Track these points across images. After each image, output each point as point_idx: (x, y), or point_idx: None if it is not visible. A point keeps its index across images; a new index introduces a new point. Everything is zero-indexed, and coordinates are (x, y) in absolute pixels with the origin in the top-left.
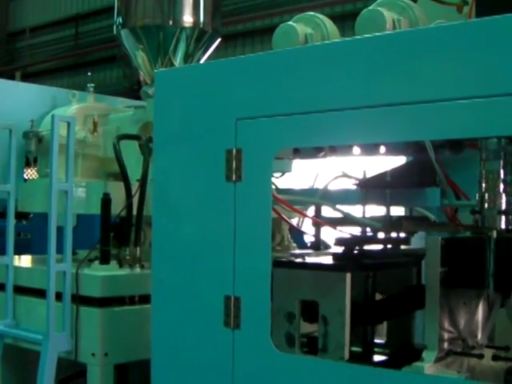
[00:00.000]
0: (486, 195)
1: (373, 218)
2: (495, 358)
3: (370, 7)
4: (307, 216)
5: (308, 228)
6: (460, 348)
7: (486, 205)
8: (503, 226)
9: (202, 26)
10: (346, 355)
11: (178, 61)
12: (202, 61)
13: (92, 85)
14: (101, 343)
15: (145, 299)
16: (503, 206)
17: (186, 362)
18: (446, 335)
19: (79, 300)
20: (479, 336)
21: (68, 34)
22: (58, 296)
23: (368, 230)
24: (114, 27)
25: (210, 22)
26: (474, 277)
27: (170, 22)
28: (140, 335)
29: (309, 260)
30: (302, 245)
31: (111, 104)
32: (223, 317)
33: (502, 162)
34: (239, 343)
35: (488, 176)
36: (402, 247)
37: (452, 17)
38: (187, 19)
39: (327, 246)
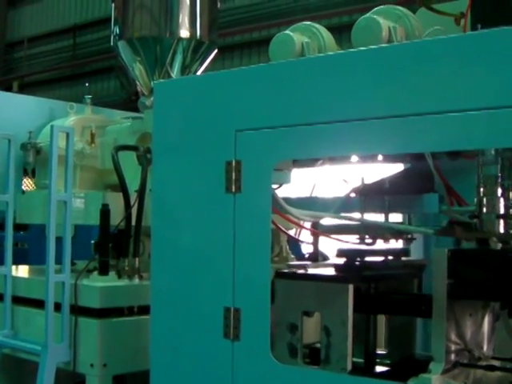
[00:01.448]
0: (484, 200)
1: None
2: (499, 369)
3: (366, 15)
4: (305, 227)
5: (307, 238)
6: (466, 359)
7: (485, 209)
8: (502, 230)
9: (198, 37)
10: (349, 366)
11: (175, 72)
12: (198, 72)
13: (89, 96)
14: (99, 354)
15: (144, 310)
16: (501, 211)
17: (185, 374)
18: (452, 347)
19: (78, 311)
20: (485, 347)
21: (66, 45)
22: (57, 307)
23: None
24: (111, 38)
25: (206, 34)
26: (479, 288)
27: (167, 34)
28: (139, 346)
29: (311, 271)
30: (299, 256)
31: (108, 115)
32: (223, 328)
33: (499, 167)
34: (239, 355)
35: (486, 181)
36: (403, 259)
37: (450, 28)
38: (184, 31)
39: (325, 257)
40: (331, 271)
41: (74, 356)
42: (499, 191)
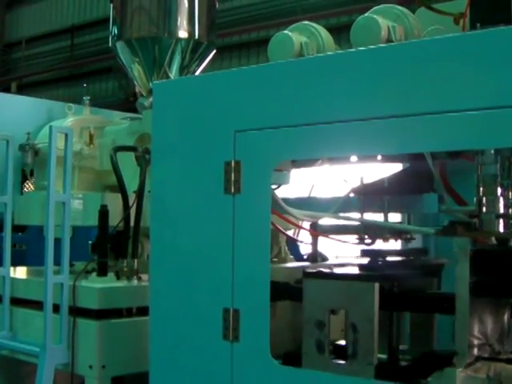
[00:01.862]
0: (484, 199)
1: None
2: None
3: (365, 14)
4: (304, 228)
5: (306, 238)
6: (487, 354)
7: (484, 209)
8: (501, 229)
9: (197, 37)
10: (375, 361)
11: (173, 72)
12: (197, 73)
13: (88, 97)
14: (98, 355)
15: (142, 311)
16: (501, 210)
17: (184, 375)
18: (474, 341)
19: (76, 312)
20: (505, 342)
21: (64, 46)
22: (55, 308)
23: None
24: (110, 39)
25: (205, 34)
26: (500, 286)
27: (166, 34)
28: (138, 347)
29: (337, 271)
30: (298, 256)
31: (107, 116)
32: (222, 329)
33: (498, 166)
34: (238, 356)
35: (485, 180)
36: (422, 258)
37: (449, 28)
38: (182, 31)
39: (324, 258)
40: (355, 270)
41: (72, 357)
42: (499, 191)
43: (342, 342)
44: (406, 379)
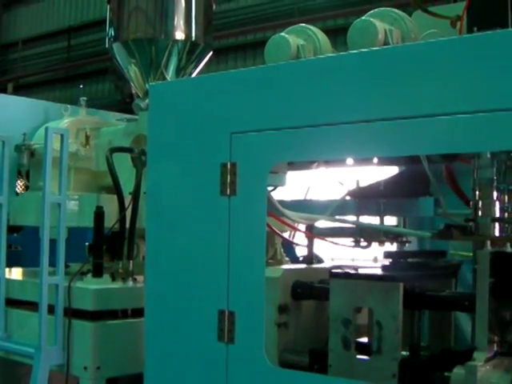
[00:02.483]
0: (480, 203)
1: None
2: None
3: (363, 17)
4: (299, 230)
5: (301, 241)
6: (505, 350)
7: (480, 212)
8: (497, 233)
9: (194, 39)
10: (399, 356)
11: (169, 74)
12: (193, 74)
13: (84, 98)
14: (93, 357)
15: (137, 313)
16: (497, 214)
17: (179, 377)
18: (493, 338)
19: (71, 313)
20: None
21: (60, 47)
22: (51, 309)
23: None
24: (106, 40)
25: (202, 36)
26: None
27: (162, 36)
28: (133, 349)
29: (363, 271)
30: (294, 258)
31: (103, 117)
32: (217, 331)
33: (495, 170)
34: (233, 358)
35: (482, 184)
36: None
37: (445, 31)
38: (179, 33)
39: (320, 260)
40: (378, 271)
41: (67, 359)
42: (495, 194)
43: (362, 340)
44: (428, 373)
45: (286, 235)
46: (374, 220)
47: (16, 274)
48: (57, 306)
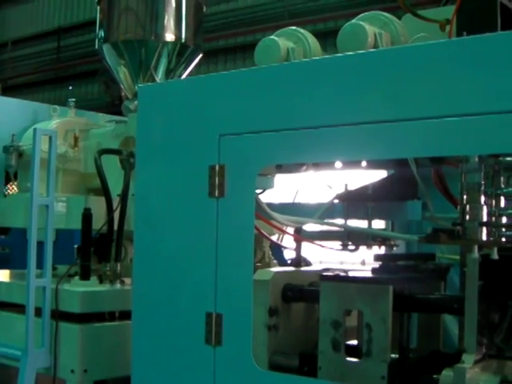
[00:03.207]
0: (468, 207)
1: None
2: None
3: (352, 21)
4: (288, 233)
5: (290, 244)
6: (494, 352)
7: (468, 217)
8: (484, 237)
9: (183, 41)
10: (388, 358)
11: (159, 76)
12: (183, 76)
13: (73, 99)
14: (80, 359)
15: (125, 315)
16: (485, 218)
17: (166, 379)
18: (481, 340)
19: (59, 316)
20: (508, 341)
21: (50, 48)
22: (38, 311)
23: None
24: (96, 41)
25: (191, 37)
26: (506, 289)
27: (152, 37)
28: (120, 352)
29: (353, 274)
30: (282, 261)
31: (92, 119)
32: (204, 334)
33: (482, 174)
34: (220, 360)
35: (469, 188)
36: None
37: (435, 34)
38: (169, 34)
39: (308, 263)
40: (369, 274)
41: (54, 361)
42: (482, 199)
43: (352, 342)
44: (417, 375)
45: (274, 238)
46: (362, 223)
47: (3, 276)
48: (44, 308)
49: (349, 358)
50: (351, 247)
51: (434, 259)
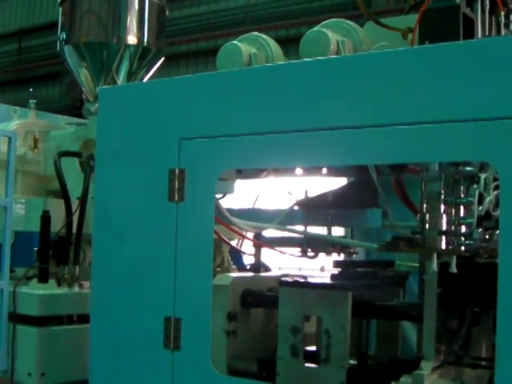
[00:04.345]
0: (427, 216)
1: None
2: (480, 367)
3: (315, 28)
4: (247, 238)
5: (249, 249)
6: (452, 359)
7: (427, 225)
8: (443, 246)
9: (146, 44)
10: (347, 364)
11: (121, 79)
12: (145, 80)
13: (33, 101)
14: (37, 363)
15: (83, 319)
16: (444, 227)
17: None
18: (440, 347)
19: (16, 318)
20: (466, 348)
21: (11, 49)
22: None
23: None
24: (58, 43)
25: (154, 41)
26: (464, 296)
27: (114, 40)
28: (78, 355)
29: (312, 280)
30: (241, 266)
31: (52, 121)
32: (163, 338)
33: (442, 184)
34: (179, 365)
35: (429, 197)
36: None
37: (397, 42)
38: (131, 37)
39: (267, 269)
40: (327, 280)
41: (11, 364)
42: (442, 208)
43: (310, 348)
44: (376, 382)
45: (233, 243)
46: (321, 230)
47: None
48: (1, 311)
49: (307, 364)
50: (310, 254)
51: (393, 266)
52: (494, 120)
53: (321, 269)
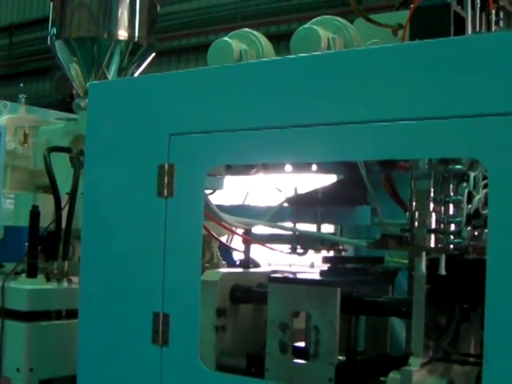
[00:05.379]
0: (417, 214)
1: None
2: (468, 363)
3: (306, 25)
4: (237, 234)
5: (238, 245)
6: (440, 355)
7: (416, 223)
8: (432, 244)
9: (136, 39)
10: (336, 360)
11: (111, 74)
12: (135, 75)
13: (24, 96)
14: (26, 358)
15: (72, 314)
16: (433, 225)
17: (113, 379)
18: (428, 343)
19: (5, 313)
20: (455, 344)
21: (2, 44)
22: None
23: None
24: (48, 38)
25: (145, 36)
26: (453, 292)
27: (105, 35)
28: (66, 351)
29: (301, 276)
30: (231, 263)
31: (43, 116)
32: (151, 333)
33: (432, 181)
34: (167, 360)
35: (418, 195)
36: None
37: (387, 39)
38: (122, 32)
39: (257, 265)
40: (318, 276)
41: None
42: (431, 206)
43: (299, 344)
44: (364, 378)
45: (223, 239)
46: (311, 227)
47: None
48: None
49: (296, 360)
50: (300, 251)
51: (383, 262)
52: (483, 116)
53: (311, 265)
